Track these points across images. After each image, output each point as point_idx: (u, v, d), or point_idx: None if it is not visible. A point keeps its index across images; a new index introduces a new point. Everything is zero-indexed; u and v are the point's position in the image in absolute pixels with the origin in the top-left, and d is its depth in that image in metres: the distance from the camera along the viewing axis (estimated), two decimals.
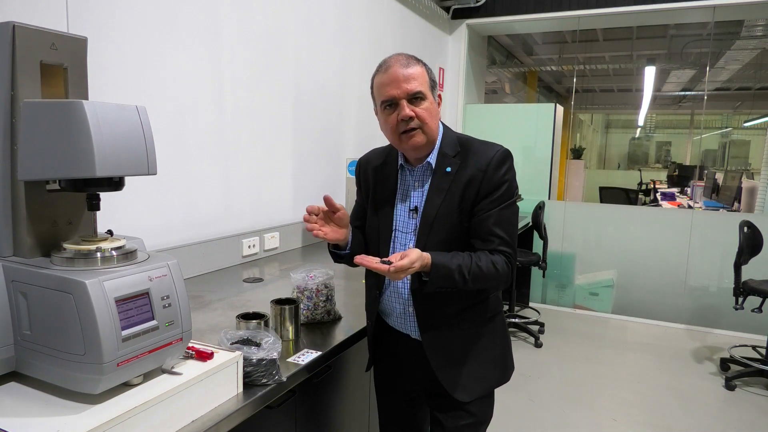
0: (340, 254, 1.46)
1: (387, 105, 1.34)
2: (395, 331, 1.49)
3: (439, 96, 1.41)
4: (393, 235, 1.42)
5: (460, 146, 1.39)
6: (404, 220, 1.41)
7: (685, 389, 3.41)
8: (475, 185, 1.33)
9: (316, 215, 1.34)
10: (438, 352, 1.40)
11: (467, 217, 1.34)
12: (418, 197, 1.40)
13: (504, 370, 1.49)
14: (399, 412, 1.60)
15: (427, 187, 1.39)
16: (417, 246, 1.36)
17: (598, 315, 4.90)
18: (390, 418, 1.62)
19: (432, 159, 1.39)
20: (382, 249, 1.42)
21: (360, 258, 1.21)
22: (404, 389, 1.55)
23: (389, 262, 1.18)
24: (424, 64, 1.37)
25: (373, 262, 1.19)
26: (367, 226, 1.50)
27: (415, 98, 1.32)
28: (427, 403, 1.53)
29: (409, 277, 1.32)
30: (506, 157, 1.36)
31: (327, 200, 1.34)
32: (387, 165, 1.47)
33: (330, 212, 1.36)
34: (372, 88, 1.40)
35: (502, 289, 1.48)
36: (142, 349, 1.00)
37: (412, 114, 1.32)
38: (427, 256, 1.24)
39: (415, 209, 1.39)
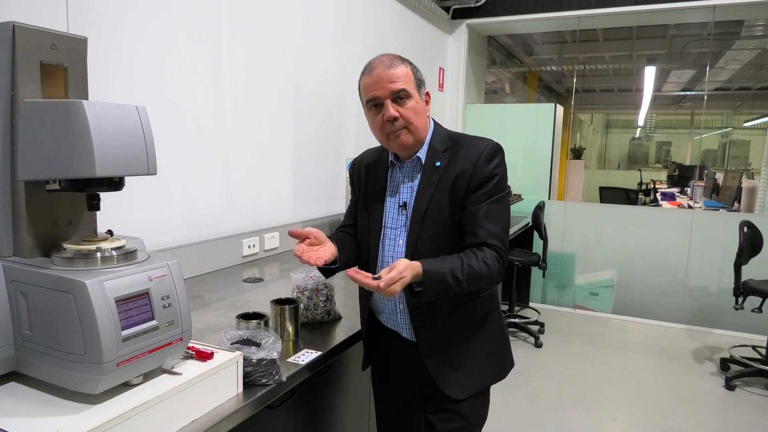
0: (332, 269, 1.40)
1: (372, 105, 1.35)
2: (387, 330, 1.49)
3: (427, 94, 1.40)
4: (383, 231, 1.41)
5: (450, 141, 1.39)
6: (394, 216, 1.41)
7: (685, 389, 3.41)
8: (465, 178, 1.32)
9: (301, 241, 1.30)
10: (431, 349, 1.39)
11: (458, 211, 1.33)
12: (407, 193, 1.40)
13: (500, 368, 1.48)
14: (396, 416, 1.59)
15: (416, 182, 1.38)
16: (408, 241, 1.35)
17: (598, 315, 4.90)
18: (387, 421, 1.62)
19: (422, 154, 1.38)
20: (372, 246, 1.42)
21: (352, 272, 1.15)
22: (399, 392, 1.55)
23: (379, 278, 1.14)
24: (410, 63, 1.37)
25: (364, 278, 1.15)
26: (357, 223, 1.50)
27: (399, 98, 1.32)
28: (420, 406, 1.52)
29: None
30: (497, 151, 1.35)
31: (293, 234, 1.30)
32: (379, 162, 1.48)
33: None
34: (359, 89, 1.40)
35: (495, 286, 1.44)
36: (142, 349, 1.00)
37: (396, 115, 1.31)
38: (417, 265, 1.19)
39: (404, 205, 1.39)
